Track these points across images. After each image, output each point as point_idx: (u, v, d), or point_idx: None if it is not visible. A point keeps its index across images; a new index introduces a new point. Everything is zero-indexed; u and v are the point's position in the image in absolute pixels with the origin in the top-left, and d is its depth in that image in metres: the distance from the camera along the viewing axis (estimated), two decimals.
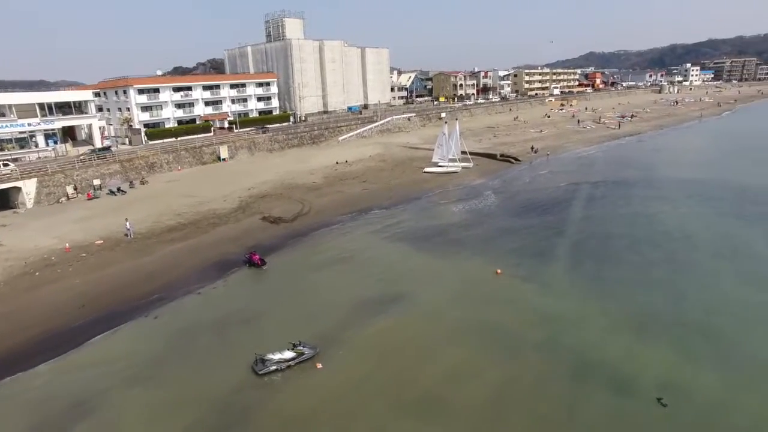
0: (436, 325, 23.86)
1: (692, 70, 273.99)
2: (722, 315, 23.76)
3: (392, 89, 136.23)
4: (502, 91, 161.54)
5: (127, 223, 37.19)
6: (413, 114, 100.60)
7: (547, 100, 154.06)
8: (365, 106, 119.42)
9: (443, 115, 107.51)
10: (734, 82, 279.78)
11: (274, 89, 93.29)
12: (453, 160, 59.88)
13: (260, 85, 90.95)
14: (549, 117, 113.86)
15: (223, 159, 65.96)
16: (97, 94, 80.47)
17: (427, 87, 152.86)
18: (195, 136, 73.13)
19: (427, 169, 58.86)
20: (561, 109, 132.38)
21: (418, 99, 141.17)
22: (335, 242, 36.52)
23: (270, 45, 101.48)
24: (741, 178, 52.30)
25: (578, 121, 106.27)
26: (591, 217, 40.25)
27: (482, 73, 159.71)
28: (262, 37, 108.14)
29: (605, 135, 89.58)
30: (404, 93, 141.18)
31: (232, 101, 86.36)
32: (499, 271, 29.46)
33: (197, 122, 79.65)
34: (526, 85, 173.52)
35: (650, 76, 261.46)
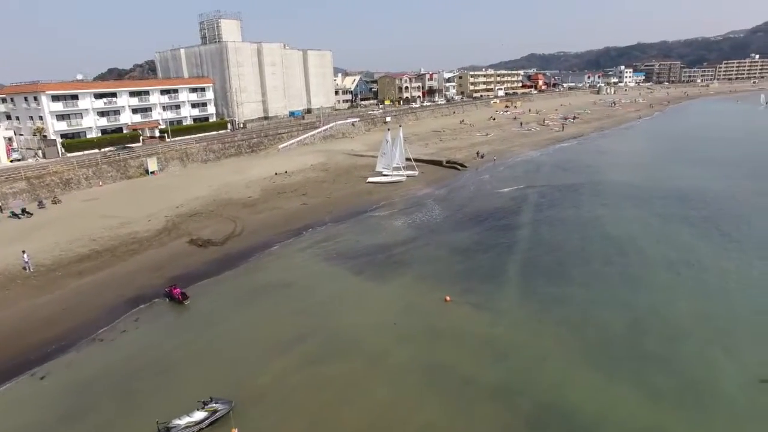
0: (376, 372, 21.15)
1: (626, 72, 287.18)
2: (681, 341, 22.43)
3: (336, 93, 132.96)
4: (447, 93, 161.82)
5: (24, 256, 32.34)
6: (357, 119, 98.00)
7: (492, 102, 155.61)
8: (309, 111, 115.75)
9: (388, 119, 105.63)
10: (666, 83, 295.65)
11: (210, 95, 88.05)
12: (398, 169, 57.69)
13: (194, 90, 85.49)
14: (494, 119, 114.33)
15: (152, 172, 60.81)
16: (2, 100, 72.89)
17: (373, 90, 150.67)
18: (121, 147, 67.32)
19: (370, 179, 56.35)
20: (506, 111, 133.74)
21: (363, 102, 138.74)
22: (268, 268, 33.28)
23: (205, 48, 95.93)
24: (680, 181, 53.06)
25: (521, 123, 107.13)
26: (540, 229, 38.93)
27: (427, 75, 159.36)
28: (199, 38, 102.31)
29: (550, 138, 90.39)
30: (349, 96, 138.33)
31: (164, 108, 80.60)
32: (448, 298, 27.23)
33: (124, 132, 73.56)
34: (472, 87, 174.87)
35: (588, 77, 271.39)
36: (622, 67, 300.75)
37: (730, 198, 46.19)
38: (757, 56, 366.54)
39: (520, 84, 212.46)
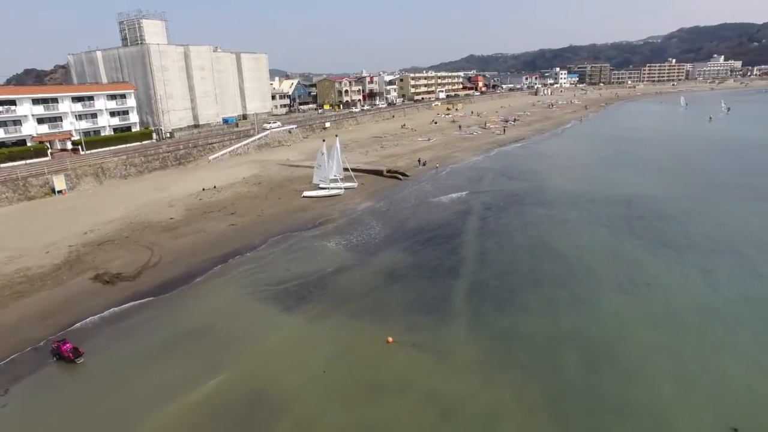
0: None
1: (561, 74, 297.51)
2: (638, 384, 20.49)
3: (274, 97, 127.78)
4: (388, 96, 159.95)
5: None
6: (294, 126, 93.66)
7: (433, 104, 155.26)
8: (244, 117, 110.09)
9: (328, 124, 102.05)
10: (601, 84, 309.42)
11: (131, 102, 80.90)
12: (335, 181, 54.34)
13: (113, 97, 78.15)
14: (436, 123, 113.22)
15: (60, 191, 54.16)
16: None
17: (312, 94, 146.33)
18: (20, 162, 59.91)
19: (306, 194, 52.65)
20: (447, 114, 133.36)
21: (302, 107, 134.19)
22: (184, 308, 29.03)
23: (125, 50, 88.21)
24: (622, 188, 53.02)
25: (459, 127, 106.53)
26: (486, 246, 36.77)
27: (368, 78, 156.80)
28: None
29: (492, 141, 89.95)
30: (287, 101, 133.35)
31: (78, 117, 73.04)
32: (390, 339, 24.24)
33: (28, 144, 65.78)
34: (413, 90, 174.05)
35: (526, 78, 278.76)
36: (558, 69, 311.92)
37: (669, 205, 46.09)
38: (674, 60, 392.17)
39: (461, 86, 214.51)
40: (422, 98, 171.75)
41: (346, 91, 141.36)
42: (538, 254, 35.19)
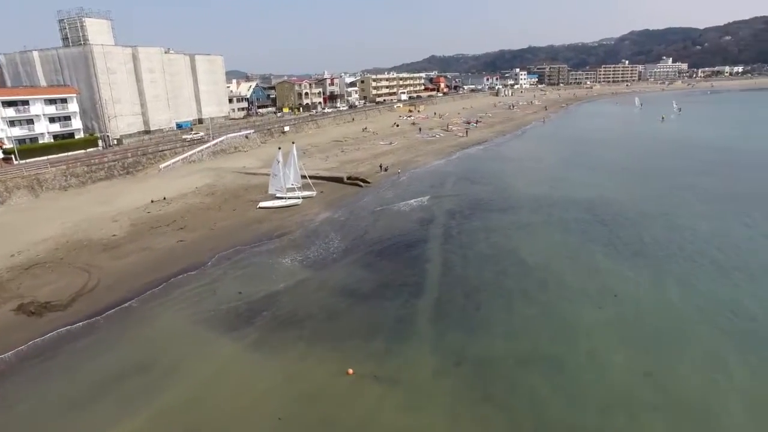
0: None
1: (521, 75, 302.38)
2: (615, 415, 19.20)
3: (231, 100, 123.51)
4: (350, 98, 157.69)
5: None
6: (251, 130, 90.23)
7: (395, 106, 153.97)
8: (200, 122, 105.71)
9: (287, 128, 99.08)
10: (561, 85, 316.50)
11: (74, 107, 75.63)
12: (292, 190, 51.88)
13: (52, 102, 72.87)
14: (398, 126, 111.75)
15: None
16: None
17: (271, 96, 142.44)
18: None
19: (262, 204, 49.94)
20: (409, 116, 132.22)
21: (260, 110, 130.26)
22: (122, 341, 26.13)
23: (65, 51, 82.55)
24: (584, 191, 52.63)
25: (420, 129, 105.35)
26: (451, 259, 35.19)
27: (328, 81, 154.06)
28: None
29: (454, 144, 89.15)
30: (245, 104, 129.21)
31: (10, 123, 67.68)
32: (350, 371, 22.22)
33: None
34: (374, 92, 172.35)
35: (487, 79, 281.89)
36: (518, 70, 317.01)
37: (630, 208, 45.89)
38: (627, 62, 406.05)
39: (423, 87, 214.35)
40: (384, 100, 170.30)
41: (306, 94, 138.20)
42: (504, 265, 33.91)
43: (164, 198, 52.66)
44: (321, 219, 46.51)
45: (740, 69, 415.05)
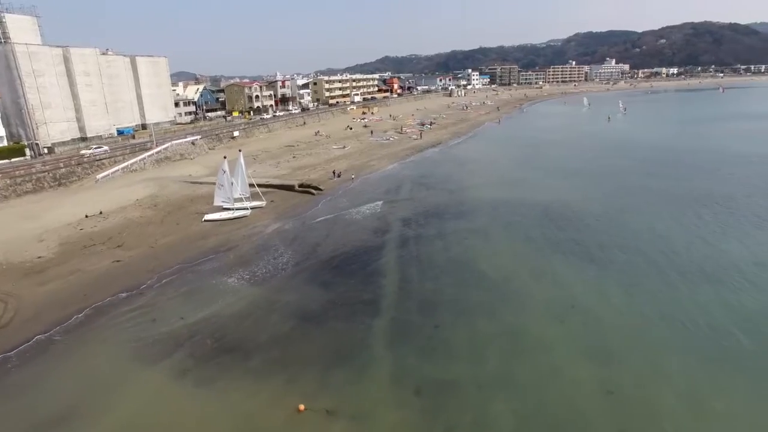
0: None
1: (473, 75, 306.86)
2: None
3: (177, 104, 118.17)
4: (302, 101, 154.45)
5: None
6: (198, 136, 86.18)
7: (349, 109, 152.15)
8: (143, 127, 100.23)
9: (236, 133, 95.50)
10: (514, 85, 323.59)
11: None
12: (240, 200, 49.26)
13: None
14: (351, 129, 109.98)
15: None
16: None
17: (220, 100, 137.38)
18: None
19: (208, 217, 47.02)
20: (363, 119, 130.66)
21: (209, 114, 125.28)
22: (42, 381, 23.17)
23: None
24: (540, 195, 52.40)
25: (371, 132, 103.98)
26: (408, 273, 33.66)
27: (279, 83, 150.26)
28: None
29: (409, 147, 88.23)
30: (192, 108, 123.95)
31: None
32: (301, 406, 20.22)
33: None
34: (327, 94, 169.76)
35: (440, 80, 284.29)
36: (470, 71, 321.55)
37: (585, 212, 45.97)
38: (574, 62, 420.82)
39: (377, 88, 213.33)
40: (337, 102, 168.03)
41: (257, 97, 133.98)
42: (462, 276, 32.84)
43: (100, 212, 48.82)
44: (271, 231, 44.17)
45: (675, 71, 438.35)
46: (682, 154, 75.67)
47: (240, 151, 52.46)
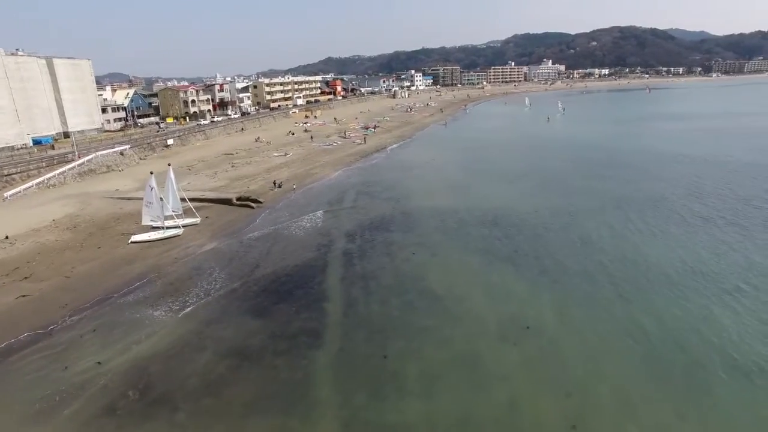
0: None
1: (416, 76, 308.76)
2: None
3: (105, 110, 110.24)
4: (242, 105, 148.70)
5: None
6: (128, 145, 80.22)
7: (291, 112, 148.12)
8: (65, 136, 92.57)
9: (170, 141, 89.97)
10: (459, 86, 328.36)
11: None
12: (171, 218, 45.51)
13: None
14: (293, 134, 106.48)
15: None
16: None
17: (153, 105, 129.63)
18: None
19: (135, 238, 42.98)
20: (306, 123, 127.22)
21: (141, 121, 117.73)
22: None
23: None
24: (486, 202, 51.78)
25: (311, 137, 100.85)
26: (352, 295, 31.56)
27: (218, 87, 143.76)
28: None
29: (353, 153, 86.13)
30: (123, 114, 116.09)
31: None
32: None
33: None
34: (268, 97, 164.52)
35: (384, 81, 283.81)
36: (413, 72, 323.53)
37: (533, 220, 45.60)
38: (513, 63, 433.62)
39: (320, 91, 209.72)
40: (279, 105, 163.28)
41: (193, 102, 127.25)
42: (411, 299, 31.10)
43: (6, 237, 43.59)
44: (205, 251, 40.85)
45: (606, 71, 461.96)
46: (618, 155, 78.06)
47: (169, 165, 48.41)
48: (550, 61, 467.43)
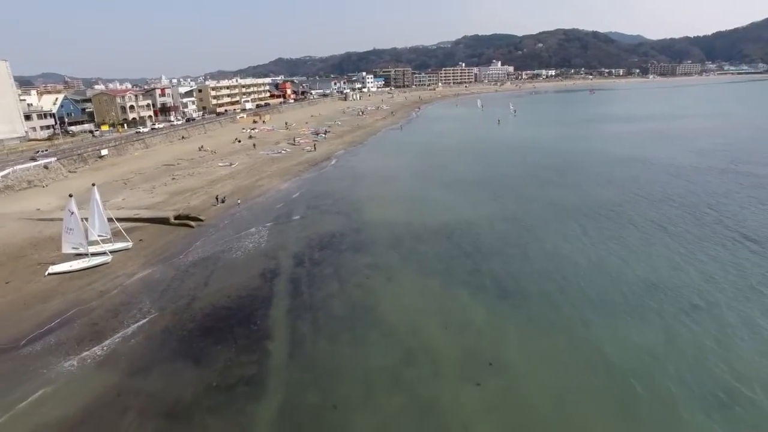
0: None
1: (368, 78, 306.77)
2: None
3: (29, 117, 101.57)
4: (186, 110, 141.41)
5: None
6: (54, 158, 73.46)
7: (239, 117, 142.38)
8: None
9: (105, 152, 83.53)
10: (414, 86, 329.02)
11: None
12: (98, 244, 40.95)
13: None
14: (240, 141, 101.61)
15: None
16: None
17: (87, 111, 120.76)
18: None
19: (55, 269, 38.18)
20: (254, 128, 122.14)
21: (72, 129, 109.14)
22: None
23: None
24: (441, 214, 49.78)
25: (254, 145, 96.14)
26: (298, 332, 28.52)
27: (159, 91, 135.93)
28: None
29: (303, 161, 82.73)
30: (51, 121, 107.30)
31: None
32: None
33: None
34: (214, 101, 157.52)
35: (335, 83, 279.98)
36: (364, 74, 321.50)
37: (490, 234, 44.04)
38: (464, 64, 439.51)
39: (269, 94, 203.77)
40: (226, 110, 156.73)
41: (132, 107, 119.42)
42: (363, 333, 28.47)
43: None
44: (136, 281, 36.75)
45: (553, 72, 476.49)
46: (569, 159, 78.62)
47: (93, 185, 43.61)
48: (500, 62, 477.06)
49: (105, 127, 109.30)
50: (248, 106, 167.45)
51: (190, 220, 49.90)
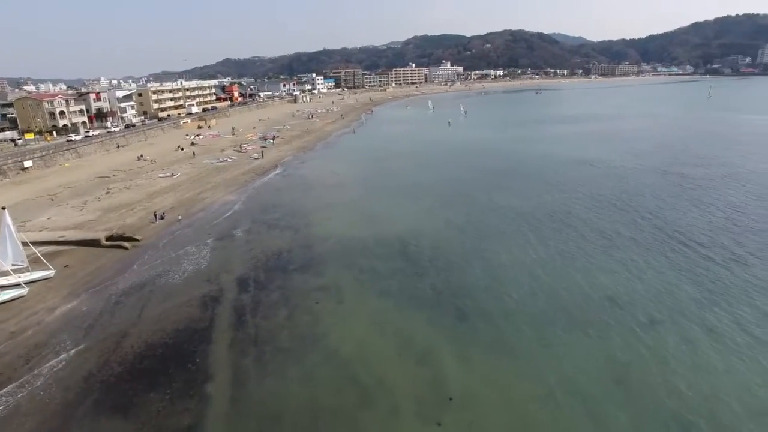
0: None
1: (318, 80, 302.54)
2: None
3: None
4: (125, 115, 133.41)
5: None
6: None
7: (182, 123, 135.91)
8: None
9: (29, 163, 76.91)
10: (367, 87, 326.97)
11: None
12: (8, 275, 36.67)
13: None
14: (182, 149, 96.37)
15: None
16: None
17: (9, 116, 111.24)
18: None
19: None
20: (198, 135, 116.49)
21: None
22: None
23: None
24: (394, 227, 48.02)
25: (194, 154, 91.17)
26: (242, 372, 25.94)
27: (93, 95, 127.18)
28: None
29: (249, 170, 79.10)
30: None
31: None
32: None
33: None
34: (156, 105, 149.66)
35: (284, 85, 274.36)
36: (314, 75, 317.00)
37: (446, 248, 42.64)
38: (414, 65, 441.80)
39: (215, 97, 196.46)
40: (169, 115, 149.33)
41: (62, 113, 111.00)
42: (312, 366, 26.27)
43: None
44: (57, 318, 32.93)
45: (501, 72, 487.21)
46: (519, 162, 79.41)
47: (4, 208, 39.14)
48: (449, 62, 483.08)
49: (30, 135, 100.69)
50: (194, 110, 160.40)
51: (124, 241, 45.96)
